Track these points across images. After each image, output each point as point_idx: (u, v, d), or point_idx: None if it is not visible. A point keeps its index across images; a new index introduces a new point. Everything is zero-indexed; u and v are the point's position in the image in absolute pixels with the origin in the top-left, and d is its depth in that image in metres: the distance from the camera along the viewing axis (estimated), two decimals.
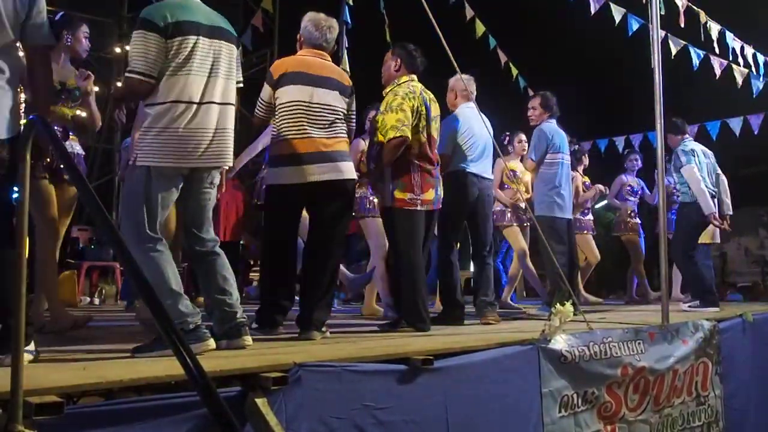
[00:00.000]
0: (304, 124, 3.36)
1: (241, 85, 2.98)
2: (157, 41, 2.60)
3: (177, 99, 2.63)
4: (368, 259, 5.26)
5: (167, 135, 2.61)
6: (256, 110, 3.51)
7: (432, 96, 4.04)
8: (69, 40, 3.72)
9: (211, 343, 2.58)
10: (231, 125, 2.82)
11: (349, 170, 3.47)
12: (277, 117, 3.43)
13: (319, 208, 3.47)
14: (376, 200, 5.00)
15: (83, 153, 3.96)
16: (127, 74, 2.63)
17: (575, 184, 6.46)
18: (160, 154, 2.60)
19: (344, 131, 3.54)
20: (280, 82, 3.40)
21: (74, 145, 3.77)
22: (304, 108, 3.38)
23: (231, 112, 2.83)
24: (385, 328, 3.82)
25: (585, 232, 6.72)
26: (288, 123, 3.37)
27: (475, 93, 4.66)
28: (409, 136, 3.75)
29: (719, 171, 6.07)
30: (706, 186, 5.69)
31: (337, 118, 3.48)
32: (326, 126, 3.41)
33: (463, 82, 4.53)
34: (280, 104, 3.40)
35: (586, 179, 7.02)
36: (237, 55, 2.93)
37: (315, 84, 3.43)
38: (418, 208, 3.85)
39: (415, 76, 4.02)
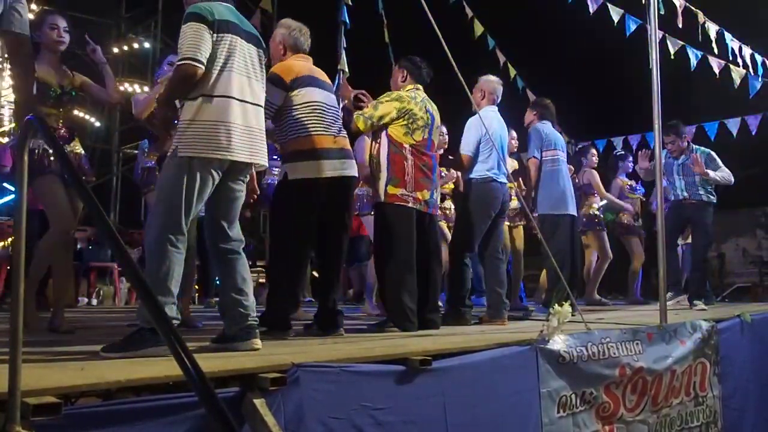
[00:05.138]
0: (323, 122, 3.51)
1: None
2: (207, 33, 2.67)
3: (222, 94, 2.69)
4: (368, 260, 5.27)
5: (213, 127, 2.64)
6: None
7: (435, 107, 4.11)
8: (40, 36, 3.61)
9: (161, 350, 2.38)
10: (264, 126, 2.92)
11: (355, 168, 3.65)
12: (294, 116, 3.48)
13: (331, 204, 3.52)
14: None
15: (84, 153, 3.94)
16: (179, 62, 2.65)
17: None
18: (205, 145, 2.63)
19: (344, 130, 3.72)
20: (295, 85, 3.49)
21: (75, 146, 3.79)
22: (322, 108, 3.53)
23: (262, 113, 2.93)
24: (373, 328, 3.81)
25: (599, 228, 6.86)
26: (308, 121, 3.47)
27: (500, 98, 4.73)
28: (361, 128, 3.91)
29: None
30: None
31: (339, 118, 3.68)
32: (337, 125, 3.61)
33: (492, 83, 4.68)
34: (299, 104, 3.49)
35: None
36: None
37: (322, 87, 3.61)
38: (410, 205, 3.84)
39: (421, 87, 4.09)
